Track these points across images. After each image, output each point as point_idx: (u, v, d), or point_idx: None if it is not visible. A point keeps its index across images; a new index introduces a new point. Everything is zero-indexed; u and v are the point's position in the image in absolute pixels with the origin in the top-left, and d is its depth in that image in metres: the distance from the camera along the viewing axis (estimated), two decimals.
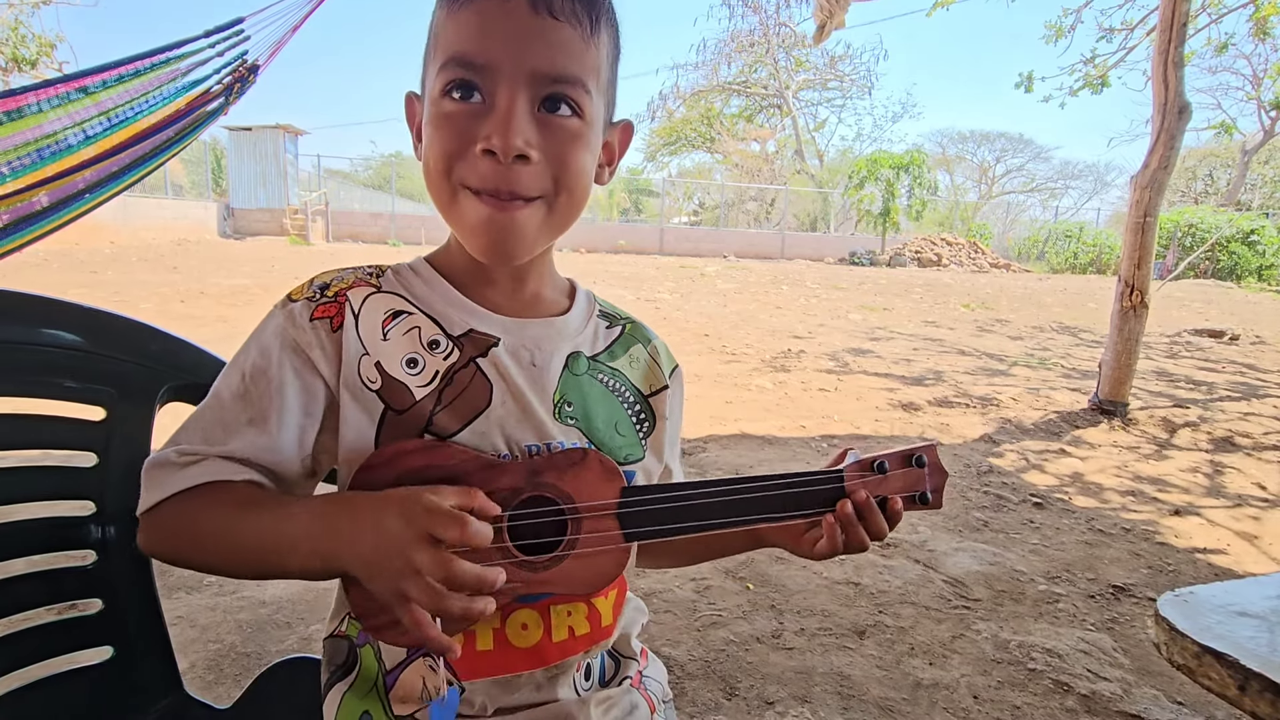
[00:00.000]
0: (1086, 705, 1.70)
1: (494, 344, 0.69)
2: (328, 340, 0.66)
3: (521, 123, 0.60)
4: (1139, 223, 4.06)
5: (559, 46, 0.61)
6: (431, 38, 0.65)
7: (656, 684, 0.81)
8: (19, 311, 0.72)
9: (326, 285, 0.69)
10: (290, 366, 0.65)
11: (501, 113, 0.60)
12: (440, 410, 0.65)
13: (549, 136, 0.62)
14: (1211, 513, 2.99)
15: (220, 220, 18.20)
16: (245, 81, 2.39)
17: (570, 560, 0.64)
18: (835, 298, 11.05)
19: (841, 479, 0.71)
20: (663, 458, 0.79)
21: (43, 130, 1.99)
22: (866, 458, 0.72)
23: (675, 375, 0.83)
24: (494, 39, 0.60)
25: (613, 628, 0.75)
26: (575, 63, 0.62)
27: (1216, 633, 0.60)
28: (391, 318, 0.68)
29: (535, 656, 0.68)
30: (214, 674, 1.66)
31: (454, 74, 0.61)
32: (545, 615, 0.69)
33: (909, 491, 0.73)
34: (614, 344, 0.78)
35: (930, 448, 0.74)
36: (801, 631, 1.96)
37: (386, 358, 0.66)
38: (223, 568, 0.64)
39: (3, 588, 0.71)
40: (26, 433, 0.72)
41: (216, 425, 0.64)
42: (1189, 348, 7.71)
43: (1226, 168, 32.88)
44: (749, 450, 3.49)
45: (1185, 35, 3.92)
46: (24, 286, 0.76)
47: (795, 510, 0.70)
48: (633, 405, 0.77)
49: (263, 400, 0.64)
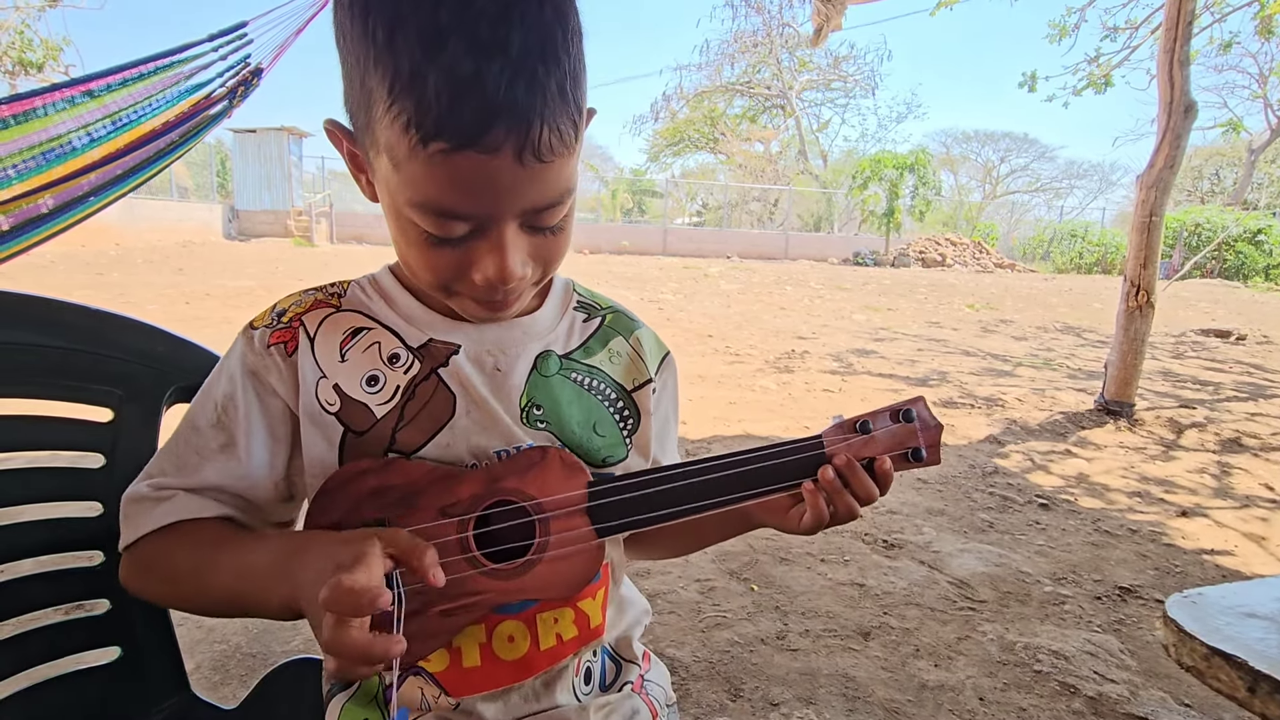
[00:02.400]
0: (1093, 707, 1.69)
1: (454, 352, 0.67)
2: (284, 366, 0.65)
3: (517, 257, 0.58)
4: (1145, 222, 4.05)
5: (549, 182, 0.56)
6: (384, 146, 0.54)
7: (659, 688, 0.80)
8: (25, 313, 0.73)
9: (284, 311, 0.68)
10: (254, 391, 0.66)
11: (496, 248, 0.57)
12: (404, 426, 0.64)
13: (541, 249, 0.61)
14: (1219, 514, 2.97)
15: (225, 222, 18.27)
16: (249, 85, 2.40)
17: (544, 564, 0.62)
18: (839, 298, 11.04)
19: (822, 444, 0.67)
20: (649, 455, 0.76)
21: (49, 133, 2.01)
22: (849, 419, 0.68)
23: (665, 365, 0.80)
24: (480, 193, 0.54)
25: (603, 627, 0.73)
26: (565, 182, 0.57)
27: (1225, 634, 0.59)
28: (350, 336, 0.67)
29: (524, 667, 0.67)
30: (220, 674, 1.67)
31: (438, 224, 0.56)
32: (531, 625, 0.67)
33: (899, 449, 0.68)
34: (591, 339, 0.75)
35: (919, 400, 0.70)
36: (806, 633, 1.95)
37: (345, 378, 0.65)
38: (197, 608, 0.65)
39: (11, 588, 0.72)
40: (34, 434, 0.72)
41: (191, 452, 0.65)
42: (1195, 348, 7.67)
43: (1233, 167, 32.75)
44: None
45: (1191, 34, 3.90)
46: (30, 288, 0.76)
47: (775, 484, 0.66)
48: (614, 402, 0.74)
49: (233, 426, 0.65)
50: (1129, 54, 7.49)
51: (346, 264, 11.61)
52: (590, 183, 27.26)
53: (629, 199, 28.17)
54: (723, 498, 0.65)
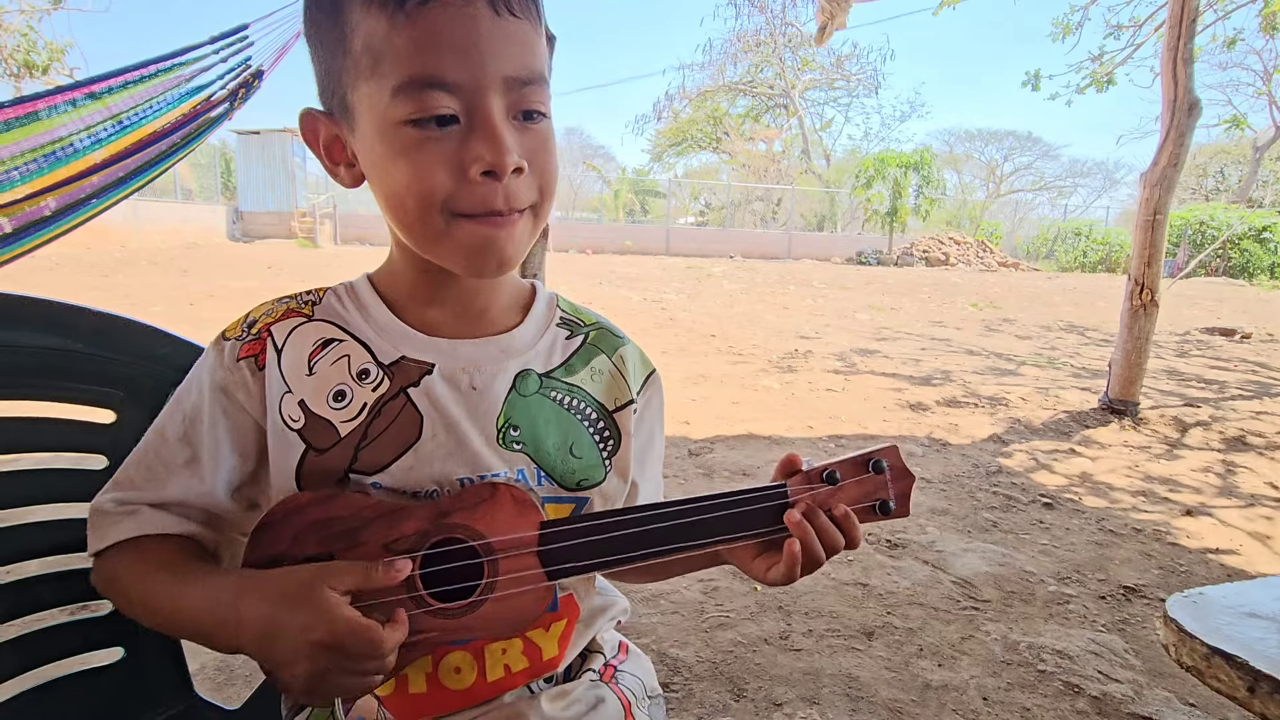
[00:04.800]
0: (1098, 707, 1.68)
1: (427, 371, 0.65)
2: (252, 380, 0.64)
3: (508, 136, 0.57)
4: (1149, 220, 4.03)
5: (523, 46, 0.58)
6: (354, 51, 0.57)
7: (636, 680, 0.77)
8: (28, 315, 0.73)
9: (254, 321, 0.67)
10: (220, 406, 0.65)
11: (486, 129, 0.56)
12: (366, 445, 0.63)
13: (529, 145, 0.60)
14: (1224, 513, 2.96)
15: (229, 223, 18.34)
16: (250, 87, 2.40)
17: (490, 603, 0.60)
18: (842, 297, 11.02)
19: (785, 494, 0.65)
20: (628, 477, 0.74)
21: (53, 135, 2.02)
22: (816, 467, 0.66)
23: (649, 384, 0.77)
24: (461, 51, 0.55)
25: (559, 659, 0.71)
26: (537, 59, 0.59)
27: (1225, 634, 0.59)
28: (321, 347, 0.65)
29: (470, 696, 0.67)
30: (224, 675, 1.67)
31: (424, 101, 0.55)
32: (479, 656, 0.66)
33: (866, 501, 0.67)
34: (573, 357, 0.72)
35: (891, 449, 0.68)
36: (809, 633, 1.95)
37: (311, 393, 0.64)
38: (149, 623, 0.65)
39: (15, 589, 0.72)
40: (38, 435, 0.73)
41: (159, 463, 0.65)
42: (1200, 346, 7.65)
43: (1238, 164, 32.61)
44: (756, 451, 3.48)
45: (1195, 31, 3.89)
46: (36, 290, 0.76)
47: (737, 532, 0.65)
48: (595, 423, 0.71)
49: (197, 442, 0.64)
50: (1133, 51, 7.46)
51: (349, 265, 11.62)
52: (593, 183, 27.26)
53: (632, 199, 28.17)
54: (679, 544, 0.63)
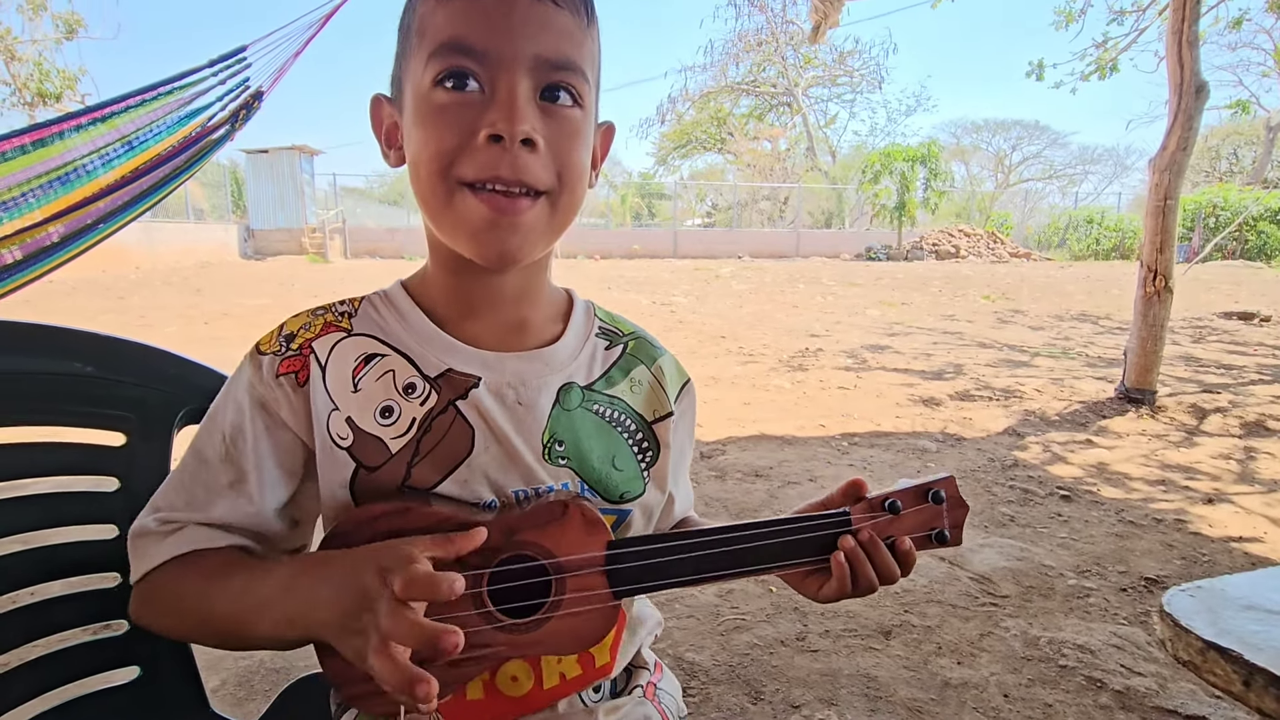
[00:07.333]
0: (1121, 701, 1.66)
1: (474, 385, 0.65)
2: (295, 397, 0.63)
3: (527, 109, 0.57)
4: (1159, 206, 3.99)
5: (560, 32, 0.58)
6: (412, 33, 0.61)
7: (671, 698, 0.78)
8: (38, 342, 0.74)
9: (293, 335, 0.66)
10: (263, 424, 0.64)
11: (505, 98, 0.57)
12: (419, 461, 0.62)
13: (552, 126, 0.59)
14: (1245, 500, 2.92)
15: (241, 242, 18.57)
16: (250, 108, 2.43)
17: (556, 620, 0.61)
18: (852, 294, 10.97)
19: (848, 521, 0.66)
20: (665, 488, 0.74)
21: (64, 159, 2.05)
22: (877, 496, 0.67)
23: (685, 393, 0.78)
24: (493, 24, 0.56)
25: (611, 666, 0.71)
26: (575, 49, 0.59)
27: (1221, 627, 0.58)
28: (364, 363, 0.65)
29: (526, 704, 0.67)
30: (245, 690, 1.69)
31: (449, 61, 0.57)
32: (535, 665, 0.67)
33: (924, 530, 0.68)
34: (613, 368, 0.73)
35: (949, 480, 0.69)
36: (826, 633, 1.94)
37: (358, 410, 0.63)
38: (201, 638, 0.63)
39: (31, 611, 0.73)
40: (50, 460, 0.74)
41: (199, 486, 0.63)
42: (1217, 331, 7.54)
43: (1252, 145, 32.17)
44: (768, 451, 3.47)
45: (1199, 13, 3.84)
46: (53, 314, 0.78)
47: (799, 558, 0.66)
48: (634, 434, 0.72)
49: (242, 461, 0.63)
50: (1137, 36, 7.38)
51: (361, 279, 11.72)
52: (600, 188, 27.33)
53: (639, 203, 28.21)
54: (744, 568, 0.65)
